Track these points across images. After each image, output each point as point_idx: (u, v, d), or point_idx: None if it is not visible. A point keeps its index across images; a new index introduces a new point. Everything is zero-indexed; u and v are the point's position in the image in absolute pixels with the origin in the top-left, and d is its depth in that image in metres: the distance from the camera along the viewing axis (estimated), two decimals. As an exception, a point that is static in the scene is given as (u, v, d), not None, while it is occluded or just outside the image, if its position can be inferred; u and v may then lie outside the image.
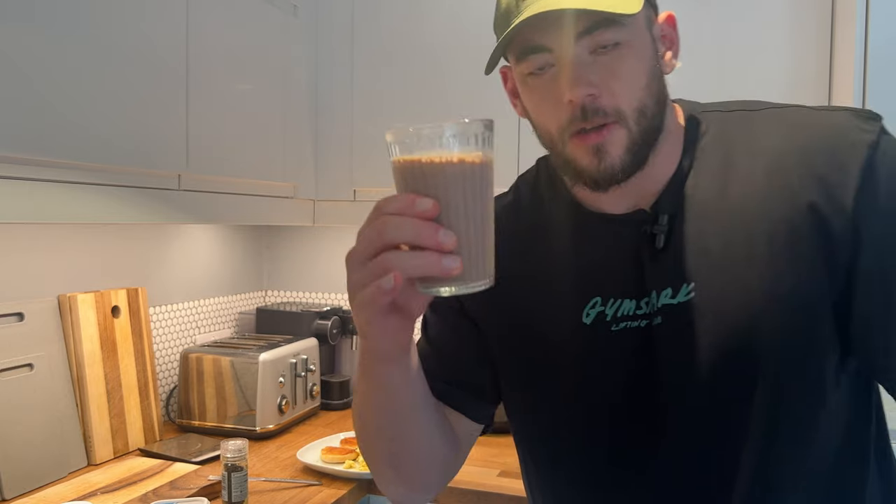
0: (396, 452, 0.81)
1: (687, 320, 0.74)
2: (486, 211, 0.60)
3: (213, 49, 1.53)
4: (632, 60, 0.72)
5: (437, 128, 0.57)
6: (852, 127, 0.73)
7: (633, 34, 0.72)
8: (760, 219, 0.73)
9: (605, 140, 0.72)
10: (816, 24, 1.52)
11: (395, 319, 0.64)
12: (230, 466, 1.31)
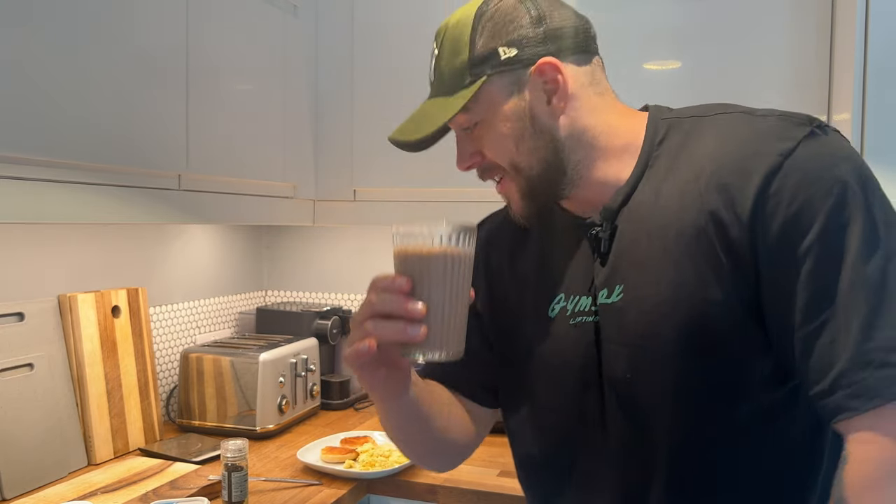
0: (419, 452, 0.99)
1: (616, 319, 0.81)
2: (456, 294, 0.75)
3: (213, 49, 1.53)
4: (491, 133, 0.83)
5: (426, 228, 0.74)
6: (771, 135, 0.76)
7: (486, 112, 0.83)
8: (675, 225, 0.78)
9: (504, 190, 0.87)
10: (816, 24, 1.52)
11: (383, 372, 0.77)
12: (230, 466, 1.31)
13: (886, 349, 0.67)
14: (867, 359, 0.67)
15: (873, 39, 1.23)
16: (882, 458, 0.66)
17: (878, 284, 0.68)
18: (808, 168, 0.72)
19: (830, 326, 0.69)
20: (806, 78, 1.53)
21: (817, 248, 0.70)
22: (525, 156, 0.83)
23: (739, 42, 1.58)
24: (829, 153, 0.73)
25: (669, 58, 1.63)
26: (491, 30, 0.82)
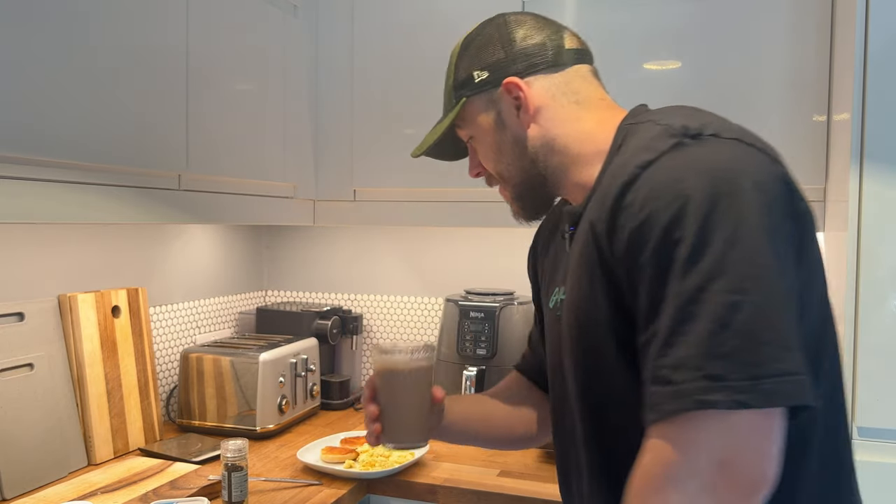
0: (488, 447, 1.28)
1: (564, 315, 0.89)
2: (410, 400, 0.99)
3: (213, 49, 1.53)
4: (480, 146, 0.97)
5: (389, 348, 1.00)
6: (642, 146, 0.79)
7: (473, 129, 0.96)
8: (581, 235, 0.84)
9: (502, 195, 1.00)
10: (816, 24, 1.52)
11: None
12: (230, 466, 1.31)
13: (673, 367, 0.68)
14: (658, 374, 0.69)
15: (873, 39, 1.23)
16: (649, 469, 0.70)
17: (687, 302, 0.68)
18: (657, 181, 0.73)
19: (652, 341, 0.71)
20: (806, 78, 1.53)
21: (652, 261, 0.72)
22: (506, 165, 0.95)
23: (739, 42, 1.58)
24: (683, 166, 0.73)
25: (669, 58, 1.63)
26: (469, 57, 0.95)
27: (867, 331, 1.23)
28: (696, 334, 0.67)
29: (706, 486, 0.67)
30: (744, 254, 0.68)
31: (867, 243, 1.23)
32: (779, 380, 0.66)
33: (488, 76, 0.93)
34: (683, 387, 0.67)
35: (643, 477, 0.71)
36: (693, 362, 0.67)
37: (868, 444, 1.24)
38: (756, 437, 0.67)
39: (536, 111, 0.91)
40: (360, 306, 2.29)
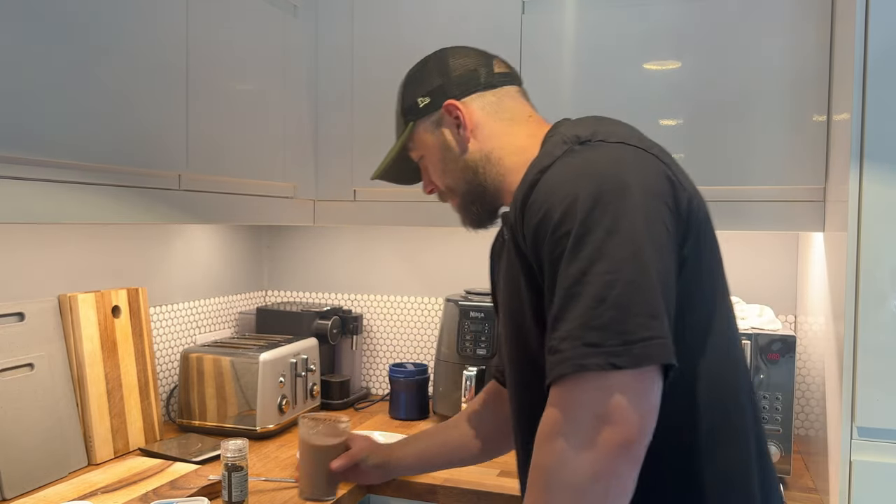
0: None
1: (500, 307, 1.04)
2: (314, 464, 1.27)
3: (213, 49, 1.53)
4: (429, 164, 1.10)
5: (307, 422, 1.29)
6: (544, 153, 0.92)
7: (422, 149, 1.09)
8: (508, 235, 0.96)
9: (454, 208, 1.12)
10: (816, 24, 1.52)
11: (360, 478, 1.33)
12: (230, 466, 1.31)
13: (560, 339, 0.79)
14: (550, 346, 0.81)
15: (873, 39, 1.22)
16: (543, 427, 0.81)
17: (572, 284, 0.80)
18: (552, 182, 0.86)
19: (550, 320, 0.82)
20: (806, 78, 1.53)
21: (548, 253, 0.83)
22: (451, 178, 1.08)
23: (739, 42, 1.58)
24: (573, 169, 0.86)
25: (669, 58, 1.63)
26: (413, 86, 1.10)
27: (867, 331, 1.23)
28: (578, 310, 0.78)
29: (587, 440, 0.77)
30: (621, 240, 0.79)
31: (867, 243, 1.23)
32: (646, 343, 0.77)
33: (430, 101, 1.07)
34: (566, 354, 0.78)
35: (539, 434, 0.81)
36: (575, 333, 0.78)
37: (868, 444, 1.24)
38: (630, 396, 0.77)
39: (474, 127, 1.05)
40: (360, 306, 2.29)
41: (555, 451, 0.78)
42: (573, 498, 0.77)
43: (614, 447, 0.76)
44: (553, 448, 0.78)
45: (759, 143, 1.57)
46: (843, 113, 1.33)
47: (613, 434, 0.76)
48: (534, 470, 0.81)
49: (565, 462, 0.77)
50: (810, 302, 1.71)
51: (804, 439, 1.82)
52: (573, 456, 0.77)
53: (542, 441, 0.80)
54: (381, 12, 1.85)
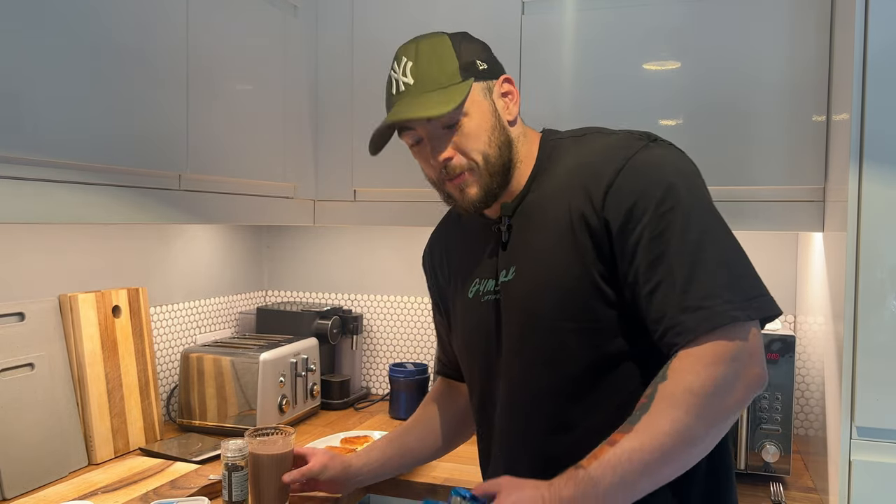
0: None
1: (510, 293, 1.09)
2: (265, 475, 1.30)
3: (213, 49, 1.53)
4: (472, 127, 1.07)
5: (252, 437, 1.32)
6: (617, 146, 1.03)
7: (470, 108, 1.07)
8: (552, 220, 1.05)
9: (463, 181, 1.09)
10: (816, 24, 1.52)
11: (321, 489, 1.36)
12: (230, 466, 1.31)
13: (700, 297, 0.92)
14: (685, 305, 0.92)
15: (873, 39, 1.22)
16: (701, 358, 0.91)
17: (694, 251, 0.93)
18: (641, 170, 0.99)
19: (662, 286, 0.94)
20: (806, 78, 1.53)
21: (650, 227, 0.95)
22: (494, 148, 1.08)
23: (739, 42, 1.58)
24: (658, 160, 1.00)
25: (669, 58, 1.63)
26: (467, 49, 1.09)
27: (867, 331, 1.23)
28: (710, 273, 0.92)
29: (739, 374, 0.91)
30: (716, 217, 0.98)
31: (867, 243, 1.23)
32: (764, 298, 0.95)
33: (488, 67, 1.10)
34: (716, 309, 0.91)
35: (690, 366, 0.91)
36: (714, 292, 0.92)
37: (868, 444, 1.24)
38: (760, 342, 0.94)
39: (517, 107, 1.13)
40: (360, 306, 2.29)
41: (711, 379, 0.90)
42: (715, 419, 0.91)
43: (755, 381, 0.93)
44: (709, 376, 0.90)
45: (758, 143, 1.57)
46: (843, 113, 1.33)
47: (756, 371, 0.93)
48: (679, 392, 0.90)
49: (720, 389, 0.90)
50: (810, 302, 1.71)
51: (804, 439, 1.83)
52: (726, 388, 0.90)
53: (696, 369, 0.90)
54: (381, 13, 1.85)
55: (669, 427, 0.89)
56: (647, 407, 0.92)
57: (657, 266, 0.94)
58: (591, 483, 0.89)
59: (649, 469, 0.90)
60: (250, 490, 1.32)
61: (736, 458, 1.52)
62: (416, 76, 1.07)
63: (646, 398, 0.93)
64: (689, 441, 0.91)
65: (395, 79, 1.10)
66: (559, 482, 0.91)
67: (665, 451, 0.89)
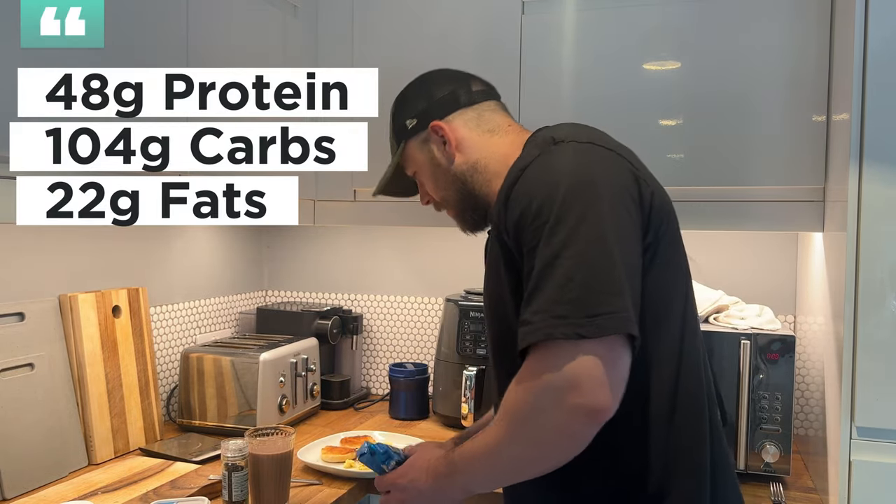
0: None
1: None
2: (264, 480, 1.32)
3: (213, 49, 1.53)
4: (423, 178, 1.21)
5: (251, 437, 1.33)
6: (525, 156, 1.02)
7: (412, 165, 1.21)
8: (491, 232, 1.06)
9: (449, 215, 1.23)
10: (816, 23, 1.52)
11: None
12: (230, 466, 1.31)
13: (532, 312, 0.89)
14: (523, 318, 0.91)
15: (873, 39, 1.22)
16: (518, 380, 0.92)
17: (545, 266, 0.90)
18: (531, 178, 0.97)
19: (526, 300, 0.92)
20: (805, 78, 1.53)
21: (528, 238, 0.93)
22: (444, 190, 1.19)
23: (739, 42, 1.58)
24: (548, 167, 0.97)
25: (669, 58, 1.63)
26: (401, 110, 1.21)
27: (866, 330, 1.23)
28: (549, 288, 0.89)
29: (555, 401, 0.87)
30: (588, 228, 0.90)
31: (866, 243, 1.23)
32: (608, 316, 0.86)
33: (417, 122, 1.18)
34: (537, 325, 0.88)
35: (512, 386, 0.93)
36: (545, 307, 0.88)
37: (868, 444, 1.24)
38: (597, 365, 0.86)
39: (459, 143, 1.15)
40: (360, 306, 2.29)
41: (526, 402, 0.90)
42: (531, 445, 0.91)
43: (581, 411, 0.86)
44: (525, 399, 0.90)
45: (758, 142, 1.57)
46: (843, 113, 1.33)
47: (580, 399, 0.85)
48: (503, 411, 0.94)
49: (532, 415, 0.89)
50: (810, 302, 1.71)
51: (803, 439, 1.83)
52: (539, 412, 0.88)
53: (513, 391, 0.92)
54: (381, 13, 1.85)
55: (490, 440, 0.96)
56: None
57: (527, 279, 0.93)
58: (454, 465, 1.02)
59: (480, 470, 0.99)
60: (250, 490, 1.32)
61: (736, 458, 1.52)
62: None
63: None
64: (509, 458, 0.95)
65: None
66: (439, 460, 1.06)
67: (486, 460, 0.97)
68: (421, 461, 1.11)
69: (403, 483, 1.10)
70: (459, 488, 1.03)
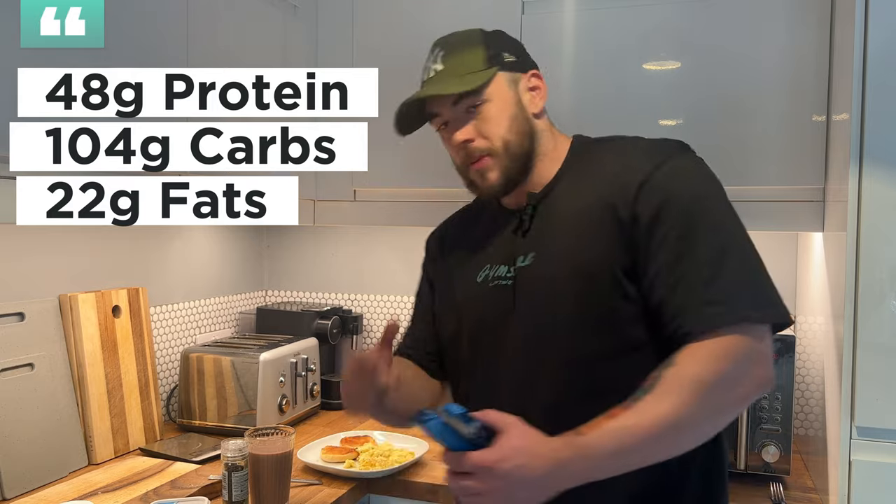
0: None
1: (528, 276, 1.10)
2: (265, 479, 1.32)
3: (213, 49, 1.53)
4: (493, 112, 1.12)
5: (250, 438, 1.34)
6: (657, 149, 1.09)
7: (493, 94, 1.12)
8: (579, 212, 1.08)
9: (484, 166, 1.13)
10: (816, 24, 1.52)
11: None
12: (230, 466, 1.31)
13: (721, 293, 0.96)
14: (707, 299, 0.97)
15: (873, 39, 1.22)
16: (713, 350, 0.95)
17: (720, 253, 0.99)
18: (677, 172, 1.04)
19: (685, 280, 0.98)
20: (805, 78, 1.53)
21: (679, 226, 1.00)
22: (512, 134, 1.12)
23: (739, 42, 1.58)
24: (692, 168, 1.07)
25: (669, 58, 1.63)
26: (496, 41, 1.17)
27: (867, 330, 1.23)
28: (732, 274, 0.98)
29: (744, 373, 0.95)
30: (741, 229, 1.03)
31: (867, 243, 1.23)
32: (778, 308, 0.99)
33: (516, 60, 1.16)
34: (735, 307, 0.96)
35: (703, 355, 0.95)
36: (734, 290, 0.97)
37: (867, 444, 1.24)
38: (770, 346, 0.99)
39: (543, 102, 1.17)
40: (360, 306, 2.29)
41: (719, 372, 0.94)
42: (716, 411, 0.96)
43: (762, 382, 0.97)
44: (718, 368, 0.94)
45: (758, 143, 1.57)
46: (843, 113, 1.33)
47: (764, 372, 0.97)
48: (686, 378, 0.94)
49: (723, 384, 0.94)
50: (810, 302, 1.71)
51: (804, 439, 1.83)
52: (730, 381, 0.94)
53: (706, 359, 0.95)
54: (381, 13, 1.85)
55: (669, 410, 0.92)
56: (650, 389, 0.94)
57: (681, 262, 0.99)
58: (586, 449, 0.92)
59: (642, 447, 0.94)
60: (250, 490, 1.32)
61: (736, 458, 1.52)
62: (445, 63, 1.14)
63: (650, 380, 0.95)
64: (684, 427, 0.94)
65: (426, 66, 1.17)
66: (557, 443, 0.93)
67: (660, 433, 0.93)
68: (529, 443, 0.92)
69: (506, 468, 0.90)
70: (578, 476, 0.93)
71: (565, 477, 0.93)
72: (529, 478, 0.90)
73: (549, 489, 0.92)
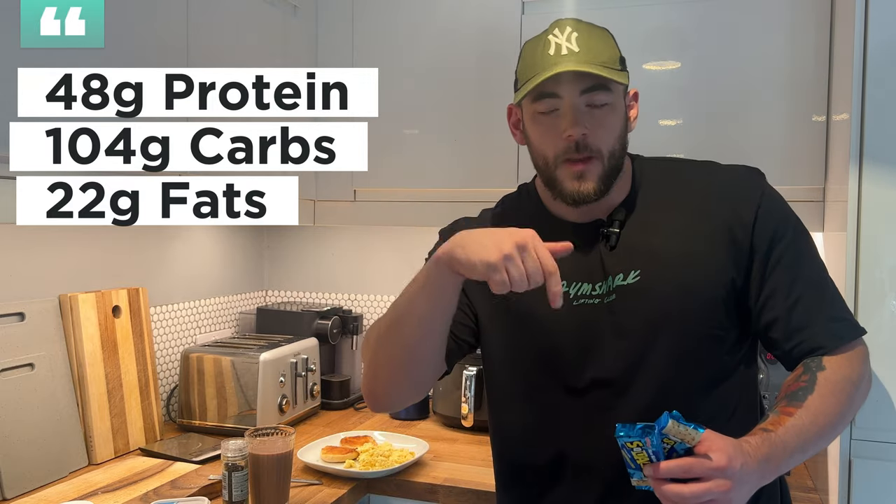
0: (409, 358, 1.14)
1: (634, 295, 1.07)
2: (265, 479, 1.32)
3: (213, 49, 1.53)
4: (613, 117, 1.07)
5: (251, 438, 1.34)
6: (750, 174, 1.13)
7: (616, 99, 1.07)
8: (689, 231, 1.08)
9: (586, 169, 1.06)
10: (816, 24, 1.52)
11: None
12: (230, 466, 1.31)
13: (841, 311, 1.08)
14: (833, 316, 1.06)
15: (872, 39, 1.23)
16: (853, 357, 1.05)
17: (823, 274, 1.09)
18: (776, 199, 1.11)
19: (805, 300, 1.05)
20: (805, 78, 1.53)
21: (791, 249, 1.07)
22: (618, 146, 1.09)
23: (739, 42, 1.58)
24: (777, 195, 1.12)
25: (669, 58, 1.63)
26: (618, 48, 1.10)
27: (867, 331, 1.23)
28: (834, 291, 1.09)
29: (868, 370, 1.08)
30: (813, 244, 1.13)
31: (867, 243, 1.23)
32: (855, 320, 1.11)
33: (627, 74, 1.10)
34: (854, 322, 1.08)
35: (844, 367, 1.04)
36: (846, 308, 1.10)
37: (868, 444, 1.24)
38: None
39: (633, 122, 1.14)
40: (360, 306, 2.29)
41: (862, 374, 1.06)
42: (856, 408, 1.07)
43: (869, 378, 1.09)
44: (861, 371, 1.06)
45: (758, 143, 1.57)
46: (843, 113, 1.33)
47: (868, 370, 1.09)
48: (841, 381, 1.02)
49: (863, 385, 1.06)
50: (810, 302, 1.71)
51: (804, 439, 1.82)
52: (865, 378, 1.07)
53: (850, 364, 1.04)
54: (381, 13, 1.85)
55: (837, 409, 1.01)
56: (810, 390, 1.00)
57: (797, 282, 1.06)
58: (781, 445, 0.96)
59: (816, 441, 1.00)
60: (250, 490, 1.32)
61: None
62: (583, 47, 1.04)
63: (804, 382, 1.02)
64: (839, 424, 1.03)
65: (556, 42, 1.06)
66: (755, 440, 0.95)
67: (828, 430, 1.01)
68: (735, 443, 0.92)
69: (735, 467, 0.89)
70: (776, 471, 0.96)
71: (770, 471, 0.96)
72: (748, 475, 0.92)
73: (757, 486, 0.95)
